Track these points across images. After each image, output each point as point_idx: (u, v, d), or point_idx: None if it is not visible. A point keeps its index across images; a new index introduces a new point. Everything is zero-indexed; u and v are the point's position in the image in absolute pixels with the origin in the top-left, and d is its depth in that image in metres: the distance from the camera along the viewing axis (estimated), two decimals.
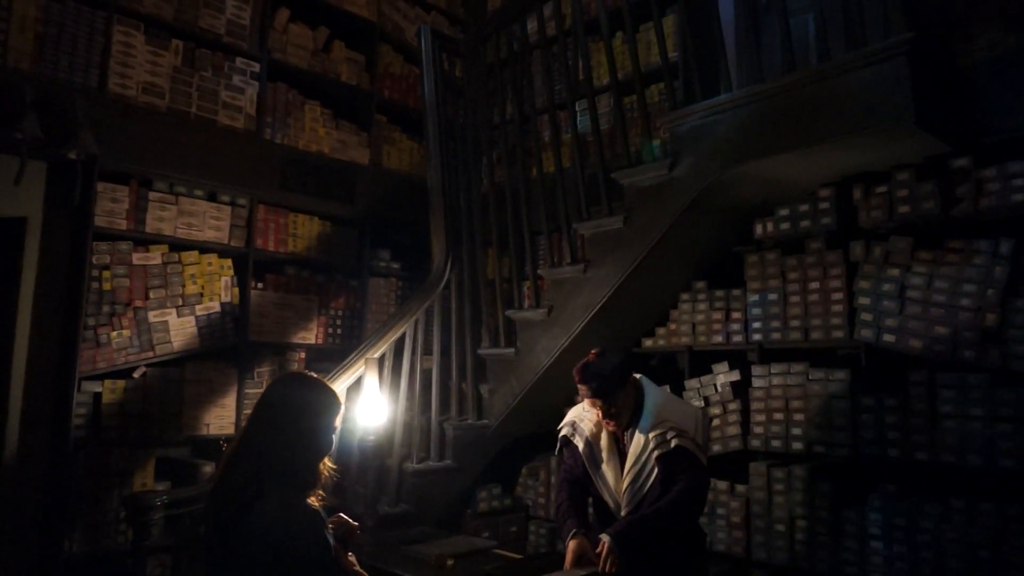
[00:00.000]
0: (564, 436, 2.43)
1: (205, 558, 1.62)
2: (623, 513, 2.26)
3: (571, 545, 2.19)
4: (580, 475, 2.38)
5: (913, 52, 2.31)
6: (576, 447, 2.38)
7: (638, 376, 2.37)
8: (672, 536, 2.19)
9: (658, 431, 2.21)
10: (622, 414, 2.26)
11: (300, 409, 1.63)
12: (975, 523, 2.43)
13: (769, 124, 2.66)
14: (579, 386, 2.25)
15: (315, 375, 1.77)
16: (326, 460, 1.67)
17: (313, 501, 1.61)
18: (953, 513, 2.48)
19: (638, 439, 2.25)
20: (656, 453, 2.20)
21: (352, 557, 1.75)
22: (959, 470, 2.50)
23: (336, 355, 3.90)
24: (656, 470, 2.20)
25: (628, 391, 2.27)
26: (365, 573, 1.73)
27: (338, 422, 1.71)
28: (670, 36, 3.54)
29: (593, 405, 2.27)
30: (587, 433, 2.36)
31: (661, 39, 3.07)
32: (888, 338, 2.70)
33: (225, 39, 3.95)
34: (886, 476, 2.69)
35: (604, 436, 2.35)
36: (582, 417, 2.41)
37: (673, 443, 2.18)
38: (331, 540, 1.57)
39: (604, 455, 2.33)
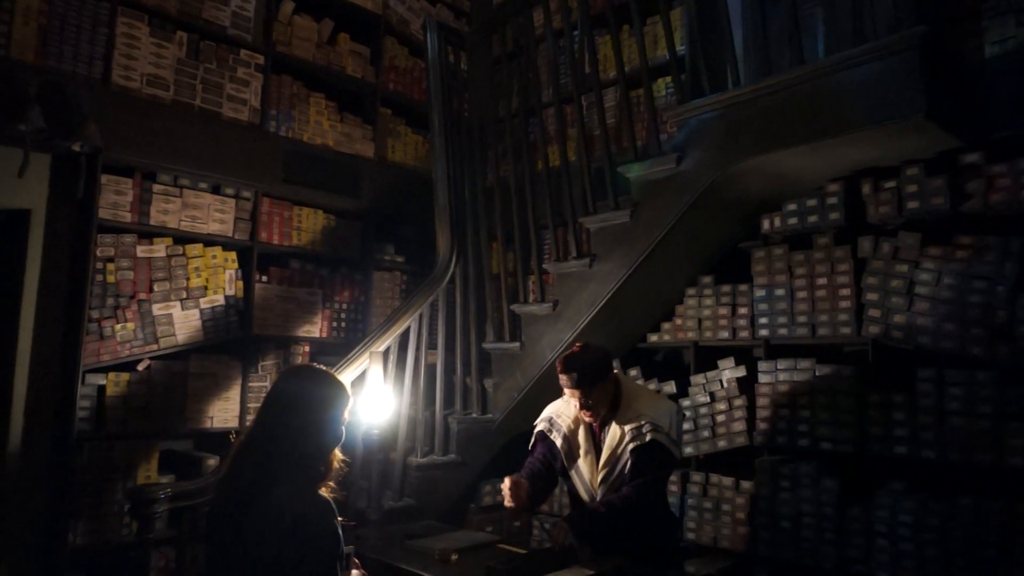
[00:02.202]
0: (540, 431, 2.52)
1: (210, 549, 1.62)
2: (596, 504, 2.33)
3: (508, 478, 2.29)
4: (543, 471, 2.45)
5: (924, 45, 2.29)
6: (553, 442, 2.46)
7: (617, 371, 2.47)
8: (638, 524, 2.28)
9: (634, 424, 2.30)
10: (599, 406, 2.34)
11: (310, 401, 1.64)
12: (982, 522, 2.42)
13: (777, 118, 2.63)
14: (560, 376, 2.33)
15: (323, 367, 1.78)
16: (336, 451, 1.68)
17: (324, 492, 1.61)
18: (960, 511, 2.46)
19: (614, 432, 2.34)
20: (631, 445, 2.29)
21: (355, 560, 1.76)
22: (967, 468, 2.49)
23: (340, 349, 3.90)
24: (629, 462, 2.28)
25: (607, 385, 2.34)
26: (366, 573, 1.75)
27: (347, 414, 1.71)
28: (677, 29, 3.52)
29: (572, 396, 2.33)
30: (564, 429, 2.45)
31: (668, 32, 3.04)
32: (896, 334, 2.68)
33: (229, 31, 3.94)
34: (893, 473, 2.68)
35: (581, 431, 2.43)
36: (559, 413, 2.50)
37: (648, 436, 2.26)
38: (341, 531, 1.57)
39: (581, 450, 2.42)
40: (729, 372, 3.14)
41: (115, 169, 3.47)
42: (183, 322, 3.64)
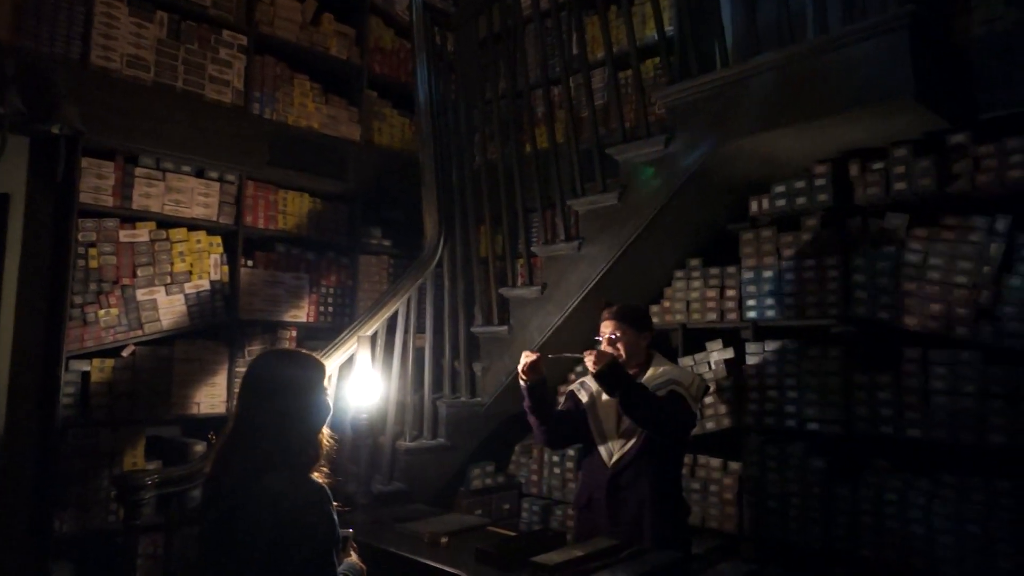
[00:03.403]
0: (571, 390, 2.66)
1: (203, 541, 1.59)
2: (612, 462, 2.44)
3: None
4: (563, 415, 2.58)
5: (913, 25, 2.28)
6: (580, 399, 2.61)
7: (657, 354, 2.59)
8: (656, 504, 2.36)
9: (656, 381, 2.43)
10: (625, 350, 2.47)
11: (292, 386, 1.61)
12: (966, 499, 2.45)
13: (766, 99, 2.62)
14: (604, 312, 2.55)
15: (293, 348, 1.76)
16: (325, 431, 1.65)
17: (318, 476, 1.60)
18: (944, 489, 2.50)
19: None
20: None
21: (352, 544, 1.75)
22: (951, 446, 2.52)
23: (328, 333, 3.87)
24: None
25: (640, 339, 2.51)
26: (362, 565, 1.74)
27: (327, 383, 1.68)
28: (666, 9, 3.49)
29: (605, 330, 2.51)
30: (593, 389, 2.59)
31: (657, 12, 3.02)
32: (882, 315, 2.70)
33: (211, 11, 3.86)
34: (879, 453, 2.71)
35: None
36: (590, 381, 2.63)
37: (667, 389, 2.39)
38: (336, 517, 1.56)
39: (604, 407, 2.53)
40: (717, 354, 3.15)
41: (96, 152, 3.41)
42: (168, 307, 3.60)
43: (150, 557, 3.27)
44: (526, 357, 2.41)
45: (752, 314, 3.07)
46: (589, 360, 2.29)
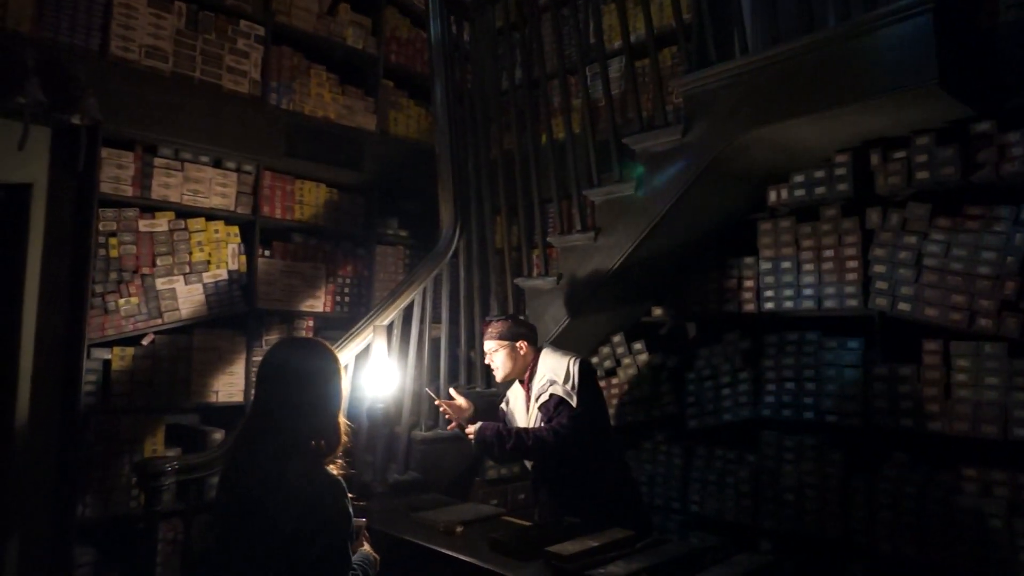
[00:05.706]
0: (500, 407, 2.84)
1: (219, 531, 1.60)
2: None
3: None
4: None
5: (939, 9, 2.23)
6: (505, 412, 2.80)
7: (545, 346, 2.69)
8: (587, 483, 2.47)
9: (539, 385, 2.54)
10: (500, 365, 2.63)
11: (314, 375, 1.61)
12: (988, 493, 2.42)
13: (785, 88, 2.58)
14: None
15: (309, 337, 1.75)
16: (342, 419, 1.65)
17: (334, 468, 1.60)
18: (965, 483, 2.46)
19: (532, 395, 2.59)
20: (537, 404, 2.53)
21: (365, 534, 1.76)
22: (973, 440, 2.48)
23: (344, 323, 3.89)
24: (541, 419, 2.52)
25: (516, 350, 2.61)
26: (375, 555, 1.74)
27: (343, 372, 1.69)
28: None
29: (486, 351, 2.68)
30: (512, 400, 2.77)
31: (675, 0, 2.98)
32: (903, 307, 2.66)
33: (228, 1, 3.88)
34: (898, 446, 2.68)
35: (520, 401, 2.69)
36: (513, 390, 2.79)
37: (548, 392, 2.49)
38: (351, 510, 1.56)
39: (517, 417, 2.70)
40: (734, 345, 3.12)
41: (116, 142, 3.45)
42: (187, 296, 3.64)
43: (170, 542, 3.33)
44: (447, 408, 2.60)
45: (770, 305, 3.04)
46: (470, 431, 2.48)
